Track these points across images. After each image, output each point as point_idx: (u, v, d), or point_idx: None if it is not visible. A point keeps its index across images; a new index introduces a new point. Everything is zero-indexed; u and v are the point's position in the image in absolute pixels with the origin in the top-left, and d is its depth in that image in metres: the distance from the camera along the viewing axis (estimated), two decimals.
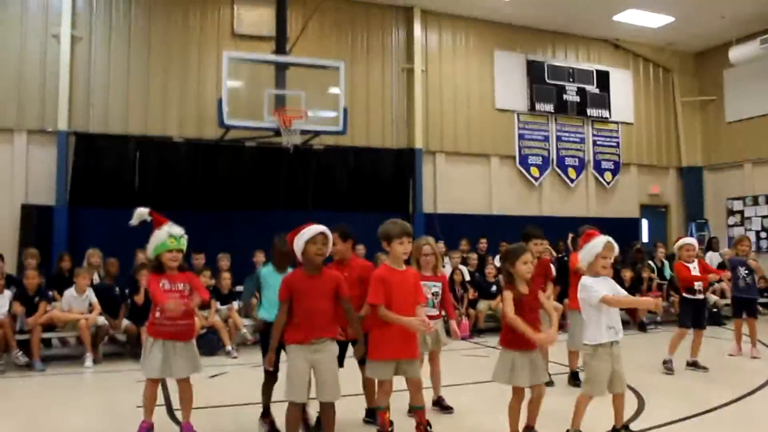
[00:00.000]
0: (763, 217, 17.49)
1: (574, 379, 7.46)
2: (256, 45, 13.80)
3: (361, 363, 5.42)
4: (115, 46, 13.26)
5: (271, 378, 5.50)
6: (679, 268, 8.77)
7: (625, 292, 5.40)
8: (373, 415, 5.67)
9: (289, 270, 5.38)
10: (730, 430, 5.91)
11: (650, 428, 5.69)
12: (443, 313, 6.31)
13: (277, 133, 12.48)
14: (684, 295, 8.69)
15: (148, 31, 13.50)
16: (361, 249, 12.41)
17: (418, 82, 15.32)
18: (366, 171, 14.78)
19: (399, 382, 5.19)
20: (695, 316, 8.61)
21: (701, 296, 8.68)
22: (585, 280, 5.23)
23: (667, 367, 8.37)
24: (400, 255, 5.10)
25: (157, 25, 13.56)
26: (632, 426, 5.50)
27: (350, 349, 5.34)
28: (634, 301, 5.19)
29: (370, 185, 14.74)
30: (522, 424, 5.16)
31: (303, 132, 12.63)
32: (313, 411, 5.37)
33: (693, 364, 8.49)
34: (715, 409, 6.46)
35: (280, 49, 13.05)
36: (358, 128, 14.61)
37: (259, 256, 11.18)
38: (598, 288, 5.12)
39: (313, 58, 13.19)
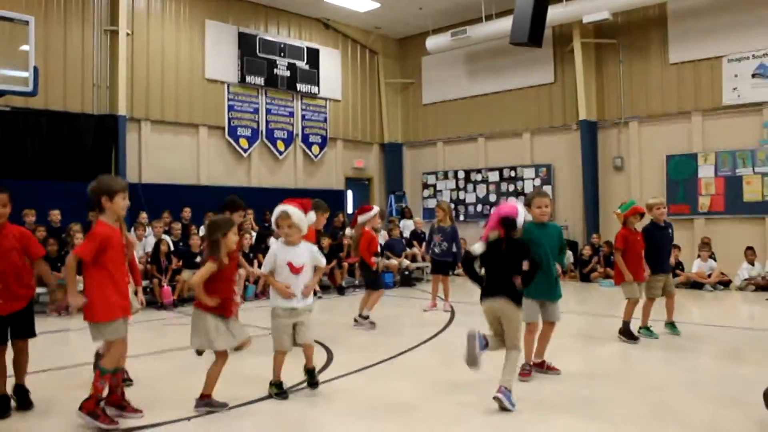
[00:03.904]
0: (452, 189, 19.43)
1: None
2: None
3: None
4: None
5: None
6: (368, 235, 9.62)
7: (324, 260, 5.97)
8: (20, 392, 5.34)
9: None
10: (404, 373, 6.68)
11: (337, 377, 6.23)
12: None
13: None
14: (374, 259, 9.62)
15: None
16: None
17: (122, 45, 14.54)
18: (62, 137, 13.74)
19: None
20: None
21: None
22: (271, 244, 5.69)
23: (368, 322, 9.26)
24: (121, 210, 4.97)
25: None
26: (321, 376, 6.02)
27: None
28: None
29: (68, 152, 13.75)
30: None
31: None
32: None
33: (366, 317, 9.36)
34: (395, 356, 7.32)
35: None
36: (53, 91, 13.62)
37: None
38: (272, 255, 5.68)
39: None
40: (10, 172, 12.78)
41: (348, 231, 14.72)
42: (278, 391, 5.59)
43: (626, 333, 7.96)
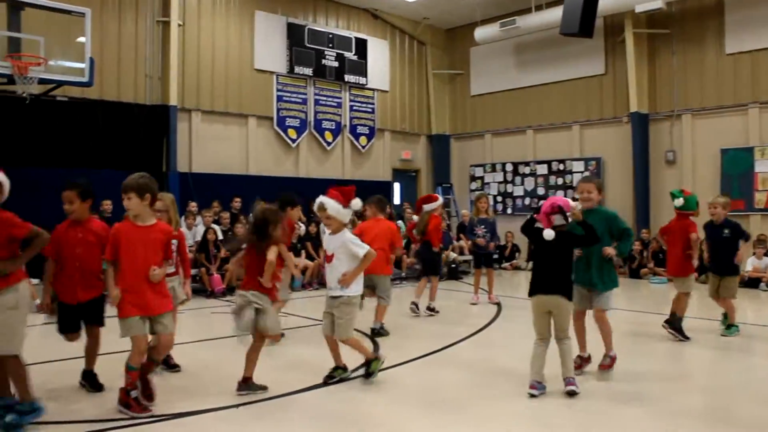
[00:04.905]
0: (500, 182, 19.26)
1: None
2: None
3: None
4: None
5: None
6: (438, 219, 10.07)
7: (359, 250, 5.83)
8: (88, 377, 5.62)
9: None
10: (451, 365, 6.68)
11: (383, 369, 6.16)
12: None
13: (12, 80, 11.45)
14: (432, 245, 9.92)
15: None
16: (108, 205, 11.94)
17: (174, 36, 14.74)
18: (116, 126, 13.96)
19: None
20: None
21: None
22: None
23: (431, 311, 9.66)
24: (129, 210, 5.12)
25: None
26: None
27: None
28: None
29: (121, 142, 13.97)
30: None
31: (43, 81, 11.71)
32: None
33: (431, 309, 9.73)
34: (442, 349, 7.34)
35: None
36: (108, 81, 13.86)
37: None
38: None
39: (54, 2, 12.19)
40: (67, 161, 13.09)
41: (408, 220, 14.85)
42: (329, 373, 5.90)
43: (677, 328, 7.80)
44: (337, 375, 5.86)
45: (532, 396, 5.31)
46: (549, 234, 5.39)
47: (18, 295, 4.58)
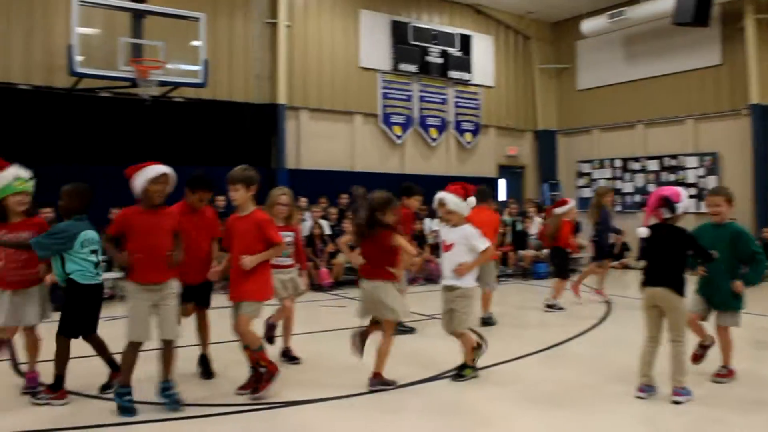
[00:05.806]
0: (607, 179, 18.74)
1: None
2: None
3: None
4: None
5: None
6: (569, 225, 10.26)
7: (479, 244, 5.83)
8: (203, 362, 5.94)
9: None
10: (560, 363, 6.62)
11: (493, 365, 6.24)
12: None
13: (134, 83, 12.10)
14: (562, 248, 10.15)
15: None
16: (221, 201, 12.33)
17: (282, 37, 15.18)
18: (228, 125, 14.52)
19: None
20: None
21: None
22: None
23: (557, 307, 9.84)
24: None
25: None
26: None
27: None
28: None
29: (232, 140, 14.50)
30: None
31: (162, 84, 12.33)
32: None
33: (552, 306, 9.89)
34: (552, 347, 7.25)
35: None
36: (220, 82, 14.37)
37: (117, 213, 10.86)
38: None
39: (172, 8, 12.78)
40: (183, 158, 13.56)
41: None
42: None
43: None
44: (467, 374, 5.81)
45: (641, 398, 5.18)
46: (643, 231, 5.24)
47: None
